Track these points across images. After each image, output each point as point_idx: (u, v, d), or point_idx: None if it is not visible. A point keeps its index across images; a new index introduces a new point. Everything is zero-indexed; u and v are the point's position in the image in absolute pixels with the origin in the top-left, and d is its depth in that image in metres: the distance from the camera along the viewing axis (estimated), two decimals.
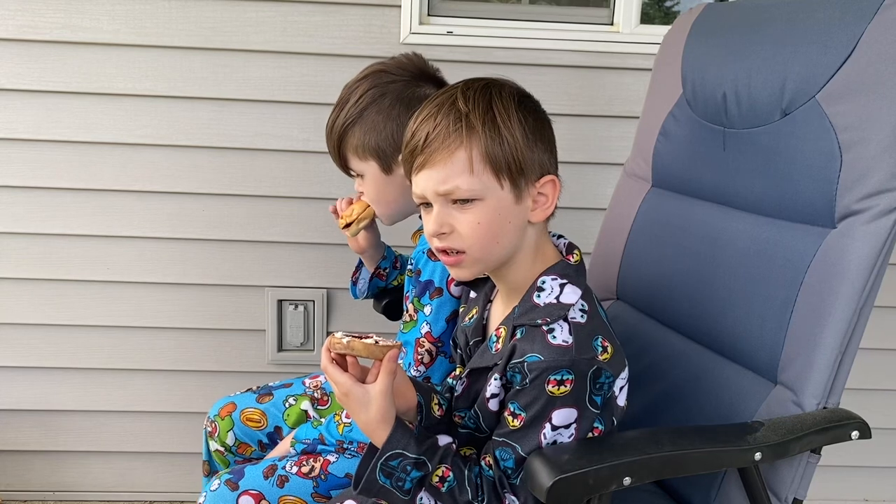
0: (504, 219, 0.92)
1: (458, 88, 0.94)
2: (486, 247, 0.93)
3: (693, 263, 1.22)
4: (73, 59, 1.79)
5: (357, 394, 0.92)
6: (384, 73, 1.26)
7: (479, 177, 0.90)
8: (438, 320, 1.19)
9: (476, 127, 0.90)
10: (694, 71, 1.28)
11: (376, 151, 1.24)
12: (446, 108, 0.92)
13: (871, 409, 1.08)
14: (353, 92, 1.26)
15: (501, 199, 0.92)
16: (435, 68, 1.30)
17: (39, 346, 1.95)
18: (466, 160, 0.90)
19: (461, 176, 0.90)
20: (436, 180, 0.91)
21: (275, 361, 1.99)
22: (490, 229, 0.92)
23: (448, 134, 0.90)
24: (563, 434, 0.90)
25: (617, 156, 1.82)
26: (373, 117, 1.23)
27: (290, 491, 1.17)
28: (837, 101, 1.01)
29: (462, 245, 0.93)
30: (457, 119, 0.90)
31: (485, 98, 0.92)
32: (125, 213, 1.89)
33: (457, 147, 0.90)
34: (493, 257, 0.95)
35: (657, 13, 2.09)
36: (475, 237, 0.92)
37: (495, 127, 0.91)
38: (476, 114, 0.91)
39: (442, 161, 0.91)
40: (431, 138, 0.91)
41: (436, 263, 1.19)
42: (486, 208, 0.91)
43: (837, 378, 1.00)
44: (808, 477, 1.02)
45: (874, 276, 0.97)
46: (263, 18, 1.80)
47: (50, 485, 2.06)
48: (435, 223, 0.93)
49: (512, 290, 0.99)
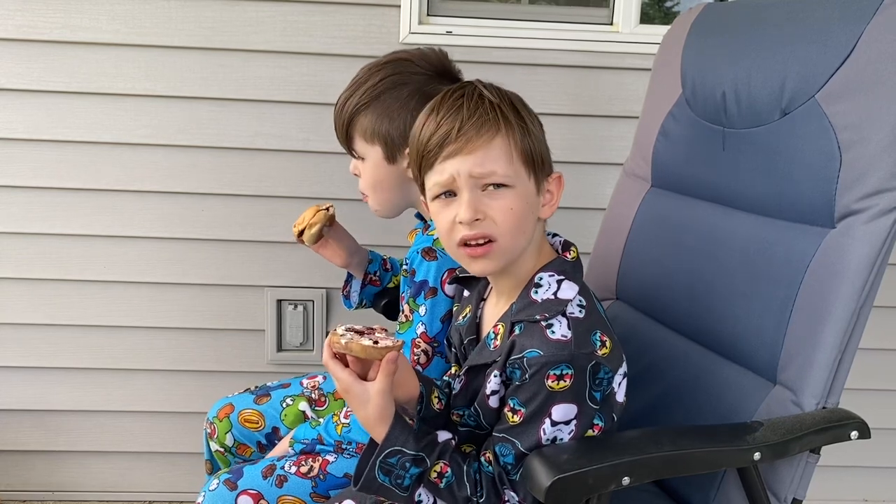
0: (530, 209, 0.95)
1: (475, 85, 0.96)
2: (515, 236, 0.94)
3: (692, 263, 1.22)
4: (72, 58, 1.80)
5: (357, 391, 0.92)
6: (409, 63, 1.25)
7: (514, 165, 0.92)
8: (434, 320, 1.19)
9: (510, 118, 0.93)
10: (693, 71, 1.28)
11: (385, 138, 1.23)
12: (475, 99, 0.93)
13: (870, 409, 1.08)
14: (372, 74, 1.24)
15: (529, 190, 0.94)
16: (457, 69, 1.29)
17: (39, 345, 1.95)
18: (505, 146, 0.92)
19: (498, 161, 0.92)
20: (472, 163, 0.91)
21: (274, 361, 1.99)
22: (520, 218, 0.93)
23: (486, 121, 0.91)
24: (563, 430, 0.90)
25: (616, 155, 1.82)
26: (389, 103, 1.22)
27: (288, 491, 1.17)
28: (837, 100, 1.01)
29: (495, 232, 0.92)
30: (491, 108, 0.92)
31: (504, 95, 0.96)
32: (125, 213, 1.89)
33: (495, 134, 0.92)
34: (517, 248, 0.95)
35: (657, 13, 2.09)
36: (508, 224, 0.92)
37: (523, 120, 0.94)
38: (505, 105, 0.93)
39: (481, 147, 0.91)
40: (467, 127, 0.91)
41: (430, 263, 1.18)
42: (517, 196, 0.93)
43: (837, 378, 1.00)
44: (808, 477, 1.02)
45: (874, 276, 0.97)
46: (263, 18, 1.80)
47: (49, 485, 2.06)
48: (470, 208, 0.91)
49: (508, 287, 1.00)
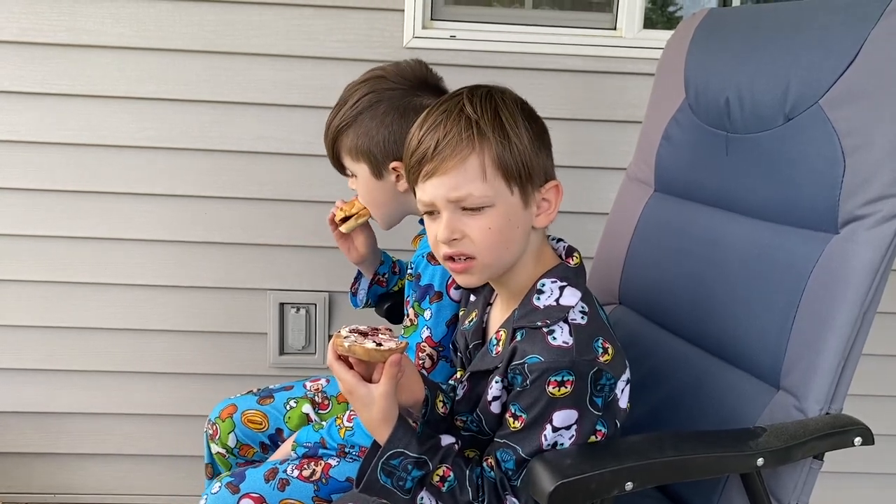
0: (514, 224, 0.93)
1: (463, 96, 0.94)
2: (495, 252, 0.93)
3: (696, 268, 1.22)
4: (76, 61, 1.80)
5: (360, 393, 0.92)
6: (383, 80, 1.27)
7: (490, 183, 0.91)
8: (439, 324, 1.19)
9: (487, 133, 0.90)
10: (697, 76, 1.28)
11: (367, 156, 1.26)
12: (454, 115, 0.92)
13: (874, 416, 1.07)
14: (351, 94, 1.28)
15: (511, 204, 0.92)
16: (438, 77, 1.31)
17: (41, 348, 1.95)
18: (479, 167, 0.90)
19: (473, 183, 0.90)
20: (447, 187, 0.91)
21: (276, 365, 1.99)
22: (501, 235, 0.92)
23: (459, 140, 0.90)
24: (564, 435, 0.90)
25: (619, 160, 1.81)
26: (367, 123, 1.25)
27: (291, 494, 1.17)
28: (840, 106, 1.01)
29: (473, 251, 0.93)
30: (467, 126, 0.90)
31: (491, 105, 0.93)
32: (127, 216, 1.89)
33: (469, 154, 0.90)
34: (501, 263, 0.95)
35: (660, 18, 2.09)
36: (486, 243, 0.92)
37: (505, 133, 0.91)
38: (485, 120, 0.91)
39: (454, 168, 0.90)
40: (442, 146, 0.91)
41: (435, 268, 1.19)
42: (497, 214, 0.92)
43: (840, 384, 0.99)
44: (811, 483, 1.02)
45: (877, 282, 0.97)
46: (266, 22, 1.80)
47: (51, 487, 2.05)
48: (447, 229, 0.92)
49: (512, 294, 0.99)
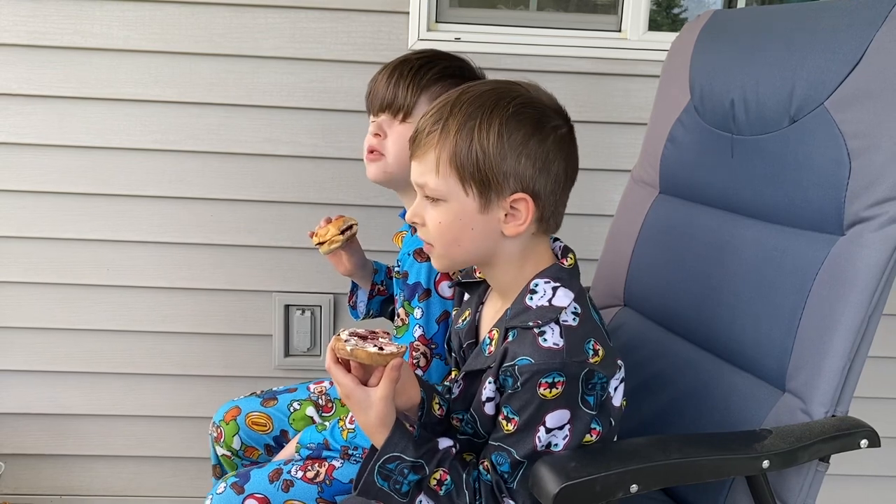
0: (465, 224, 0.94)
1: (463, 89, 0.96)
2: (446, 246, 0.96)
3: (701, 270, 1.22)
4: (83, 64, 1.81)
5: (358, 397, 0.92)
6: None
7: (444, 179, 0.93)
8: (429, 322, 1.19)
9: (450, 132, 0.92)
10: (702, 77, 1.28)
11: None
12: (440, 106, 0.94)
13: (880, 418, 1.07)
14: None
15: (465, 205, 0.93)
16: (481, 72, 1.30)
17: (48, 350, 1.96)
18: (434, 161, 0.93)
19: (429, 174, 0.94)
20: (416, 172, 0.96)
21: (281, 366, 2.00)
22: (450, 231, 0.94)
23: (429, 132, 0.94)
24: (558, 435, 0.90)
25: (624, 162, 1.82)
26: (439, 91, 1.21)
27: (295, 496, 1.17)
28: (846, 107, 1.00)
29: (428, 238, 0.97)
30: (438, 120, 0.93)
31: (475, 104, 0.92)
32: (134, 218, 1.89)
33: (431, 146, 0.93)
34: (456, 258, 0.97)
35: (665, 20, 2.09)
36: (435, 234, 0.95)
37: (469, 135, 0.91)
38: (457, 119, 0.92)
39: (421, 156, 0.95)
40: (420, 132, 0.95)
41: (421, 265, 1.19)
42: (448, 210, 0.94)
43: (846, 386, 0.99)
44: (817, 485, 1.01)
45: (883, 284, 0.96)
46: (272, 25, 1.81)
47: (58, 489, 2.06)
48: (411, 212, 0.98)
49: (503, 293, 1.00)
